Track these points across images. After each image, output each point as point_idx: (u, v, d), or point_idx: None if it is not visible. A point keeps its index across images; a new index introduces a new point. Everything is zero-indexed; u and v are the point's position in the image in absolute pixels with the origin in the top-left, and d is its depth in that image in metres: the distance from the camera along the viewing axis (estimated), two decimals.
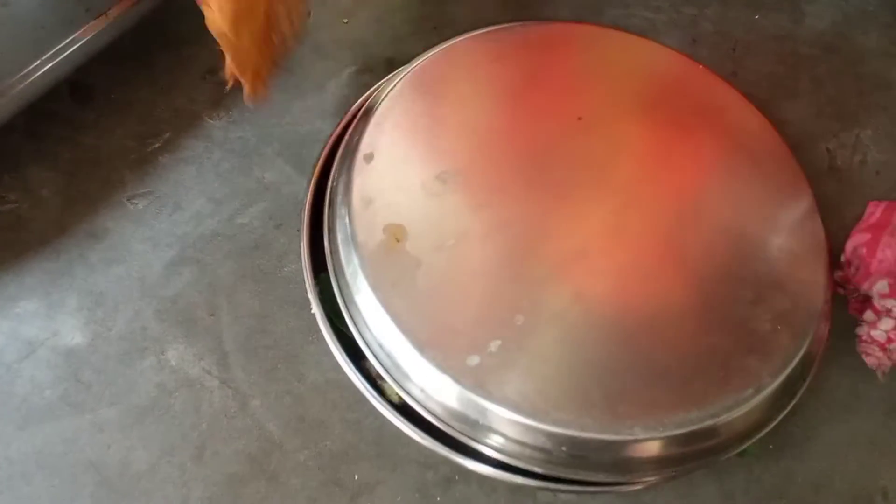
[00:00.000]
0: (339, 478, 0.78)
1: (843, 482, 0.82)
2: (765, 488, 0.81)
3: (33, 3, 0.78)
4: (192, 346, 0.83)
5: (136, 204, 0.91)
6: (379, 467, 0.78)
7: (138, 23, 0.90)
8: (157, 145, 0.94)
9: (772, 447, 0.82)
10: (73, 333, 0.83)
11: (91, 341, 0.82)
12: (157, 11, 0.91)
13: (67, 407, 0.79)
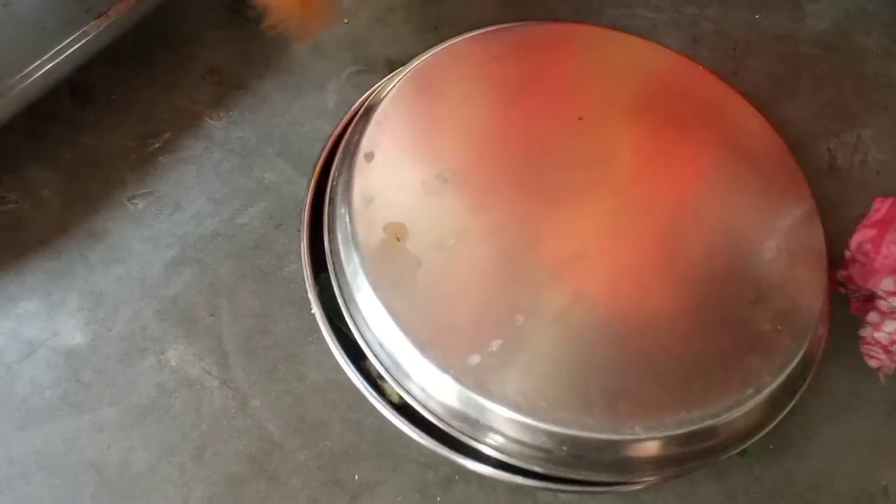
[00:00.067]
0: (339, 478, 0.78)
1: (844, 482, 0.82)
2: (765, 488, 0.81)
3: (33, 3, 0.78)
4: (192, 346, 0.83)
5: (137, 204, 0.91)
6: (379, 467, 0.78)
7: (139, 23, 0.90)
8: (157, 145, 0.94)
9: (772, 447, 0.82)
10: (73, 333, 0.83)
11: (91, 341, 0.82)
12: (158, 11, 0.91)
13: (67, 407, 0.79)
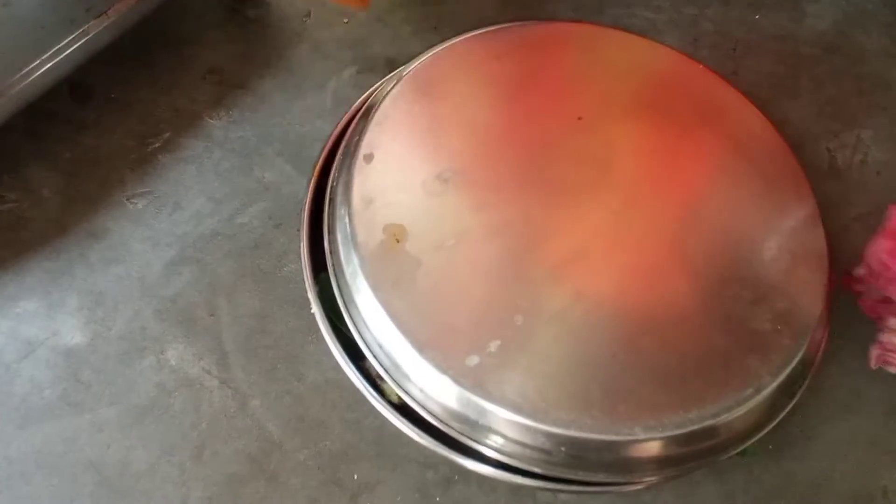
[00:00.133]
0: (339, 478, 0.78)
1: (844, 482, 0.82)
2: (765, 488, 0.81)
3: (33, 3, 0.78)
4: (192, 345, 0.83)
5: (136, 203, 0.91)
6: (379, 467, 0.78)
7: (138, 22, 0.89)
8: (157, 145, 0.94)
9: (772, 447, 0.82)
10: (72, 333, 0.83)
11: (91, 341, 0.82)
12: (158, 11, 0.91)
13: (67, 406, 0.79)
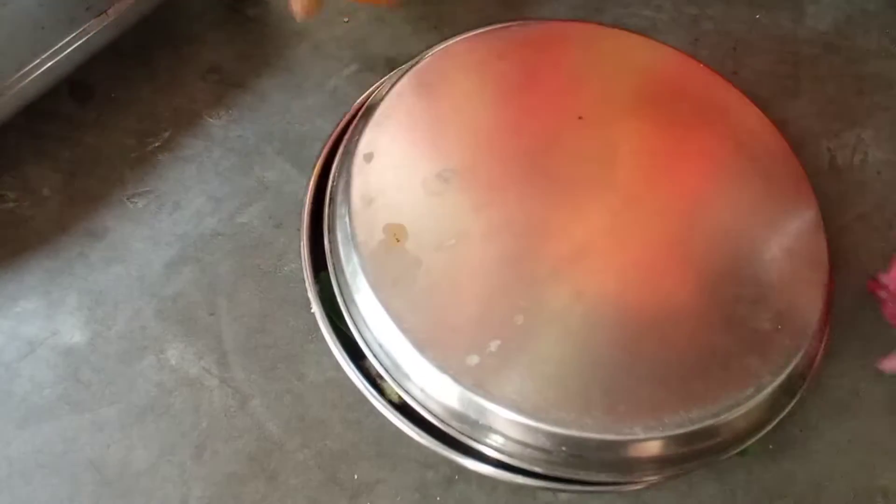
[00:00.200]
0: (339, 477, 0.78)
1: (844, 482, 0.82)
2: (765, 488, 0.81)
3: (33, 2, 0.78)
4: (192, 345, 0.83)
5: (136, 203, 0.91)
6: (379, 467, 0.78)
7: (138, 21, 0.90)
8: (156, 144, 0.94)
9: (772, 447, 0.82)
10: (72, 332, 0.83)
11: (91, 340, 0.82)
12: (158, 10, 0.91)
13: (67, 406, 0.79)
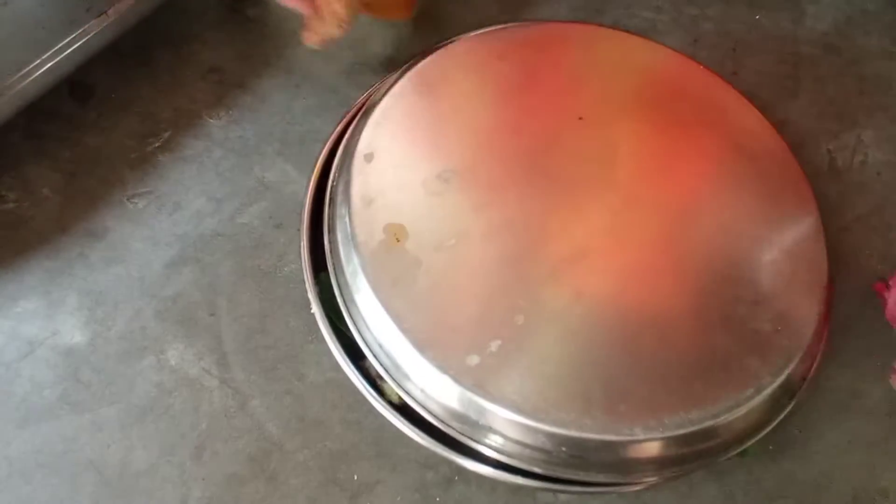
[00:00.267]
0: (339, 478, 0.78)
1: (844, 482, 0.82)
2: (765, 488, 0.81)
3: (34, 2, 0.78)
4: (192, 345, 0.83)
5: (136, 203, 0.91)
6: (379, 467, 0.78)
7: (139, 22, 0.89)
8: (157, 144, 0.94)
9: (772, 447, 0.82)
10: (72, 333, 0.83)
11: (91, 340, 0.82)
12: (158, 10, 0.91)
13: (67, 406, 0.79)
